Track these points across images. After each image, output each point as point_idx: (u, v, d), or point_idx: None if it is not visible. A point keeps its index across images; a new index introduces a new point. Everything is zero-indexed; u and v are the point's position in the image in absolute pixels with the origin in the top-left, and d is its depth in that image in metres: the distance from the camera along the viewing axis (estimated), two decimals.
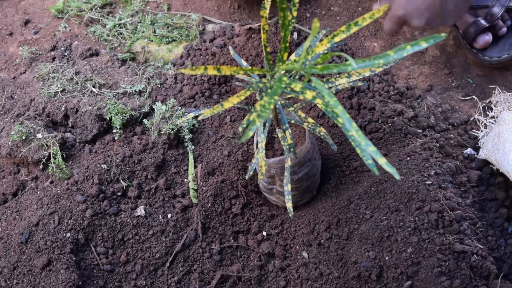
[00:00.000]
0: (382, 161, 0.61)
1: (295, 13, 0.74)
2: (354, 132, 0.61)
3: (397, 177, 0.60)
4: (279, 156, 1.06)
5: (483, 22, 1.28)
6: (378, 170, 0.65)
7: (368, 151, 0.61)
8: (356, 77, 0.81)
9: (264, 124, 0.91)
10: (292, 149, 0.90)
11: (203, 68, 0.65)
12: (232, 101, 0.69)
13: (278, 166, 1.02)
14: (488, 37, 1.29)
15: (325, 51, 0.81)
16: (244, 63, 0.95)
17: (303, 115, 0.90)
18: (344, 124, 0.62)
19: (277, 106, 0.88)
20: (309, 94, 0.67)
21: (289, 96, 0.89)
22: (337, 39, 0.71)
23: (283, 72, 0.75)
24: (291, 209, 0.92)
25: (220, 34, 1.41)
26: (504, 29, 1.29)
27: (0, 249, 1.05)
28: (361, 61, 0.64)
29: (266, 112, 0.59)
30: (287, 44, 0.71)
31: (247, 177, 0.99)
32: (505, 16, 1.30)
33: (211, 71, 0.66)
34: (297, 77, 0.84)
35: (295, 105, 0.92)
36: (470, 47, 1.33)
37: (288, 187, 0.91)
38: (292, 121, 0.95)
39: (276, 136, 1.06)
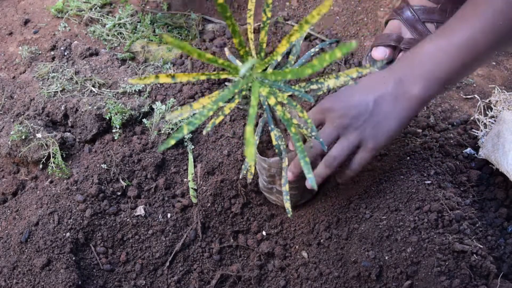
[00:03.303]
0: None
1: (269, 14, 0.73)
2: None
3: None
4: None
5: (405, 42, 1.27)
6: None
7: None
8: (344, 78, 0.80)
9: (256, 124, 0.90)
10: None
11: (153, 77, 0.64)
12: (202, 102, 0.68)
13: (278, 166, 1.02)
14: (386, 55, 1.28)
15: (287, 51, 0.80)
16: (239, 63, 0.94)
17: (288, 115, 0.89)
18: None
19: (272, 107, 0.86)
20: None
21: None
22: (293, 38, 0.70)
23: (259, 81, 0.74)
24: (290, 209, 0.91)
25: (219, 34, 1.41)
26: None
27: (0, 249, 1.05)
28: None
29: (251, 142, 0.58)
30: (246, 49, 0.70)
31: (240, 177, 0.99)
32: None
33: (164, 79, 0.65)
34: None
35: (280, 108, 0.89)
36: (370, 49, 1.33)
37: (286, 187, 0.91)
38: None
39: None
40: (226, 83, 1.31)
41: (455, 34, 0.93)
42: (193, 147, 1.20)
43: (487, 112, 1.23)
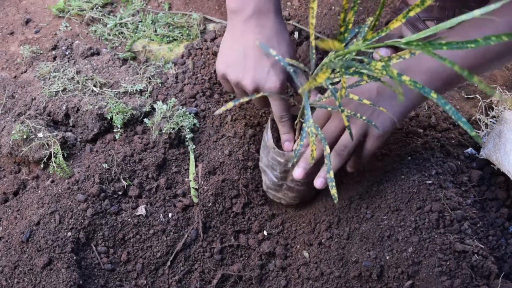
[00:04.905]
0: None
1: None
2: None
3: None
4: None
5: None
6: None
7: None
8: (396, 60, 0.80)
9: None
10: (349, 131, 0.88)
11: None
12: (322, 77, 0.69)
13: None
14: (385, 54, 1.29)
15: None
16: (273, 52, 0.96)
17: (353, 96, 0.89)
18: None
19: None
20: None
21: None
22: (412, 13, 0.70)
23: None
24: (336, 195, 0.87)
25: (221, 34, 1.41)
26: None
27: (1, 248, 1.05)
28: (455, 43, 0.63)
29: None
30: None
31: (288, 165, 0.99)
32: None
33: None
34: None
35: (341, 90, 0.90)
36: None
37: (331, 174, 0.87)
38: (329, 109, 0.94)
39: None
40: None
41: (471, 36, 0.94)
42: (194, 146, 1.20)
43: (489, 112, 1.23)
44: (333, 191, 0.87)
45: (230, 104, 0.92)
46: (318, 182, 0.98)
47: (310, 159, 0.87)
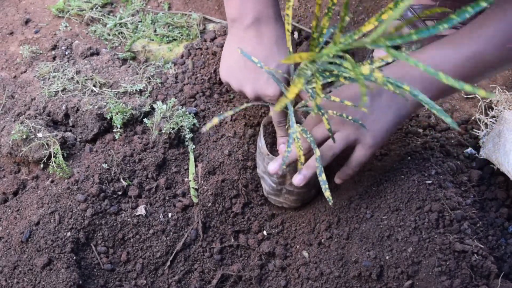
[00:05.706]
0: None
1: (335, 0, 0.73)
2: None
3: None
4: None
5: None
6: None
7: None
8: (378, 64, 0.80)
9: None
10: (330, 134, 0.89)
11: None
12: (294, 91, 0.69)
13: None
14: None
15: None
16: (255, 60, 0.96)
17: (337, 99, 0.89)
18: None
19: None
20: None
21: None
22: (384, 16, 0.69)
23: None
24: (330, 197, 0.88)
25: (220, 33, 1.41)
26: None
27: (1, 248, 1.05)
28: (425, 29, 0.63)
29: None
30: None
31: (279, 172, 0.99)
32: None
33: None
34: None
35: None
36: (371, 50, 1.35)
37: (323, 177, 0.88)
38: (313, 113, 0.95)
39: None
40: None
41: (464, 45, 0.93)
42: (194, 146, 1.20)
43: (488, 112, 1.23)
44: (327, 194, 0.88)
45: (215, 120, 0.91)
46: (296, 179, 0.99)
47: (299, 164, 0.87)
